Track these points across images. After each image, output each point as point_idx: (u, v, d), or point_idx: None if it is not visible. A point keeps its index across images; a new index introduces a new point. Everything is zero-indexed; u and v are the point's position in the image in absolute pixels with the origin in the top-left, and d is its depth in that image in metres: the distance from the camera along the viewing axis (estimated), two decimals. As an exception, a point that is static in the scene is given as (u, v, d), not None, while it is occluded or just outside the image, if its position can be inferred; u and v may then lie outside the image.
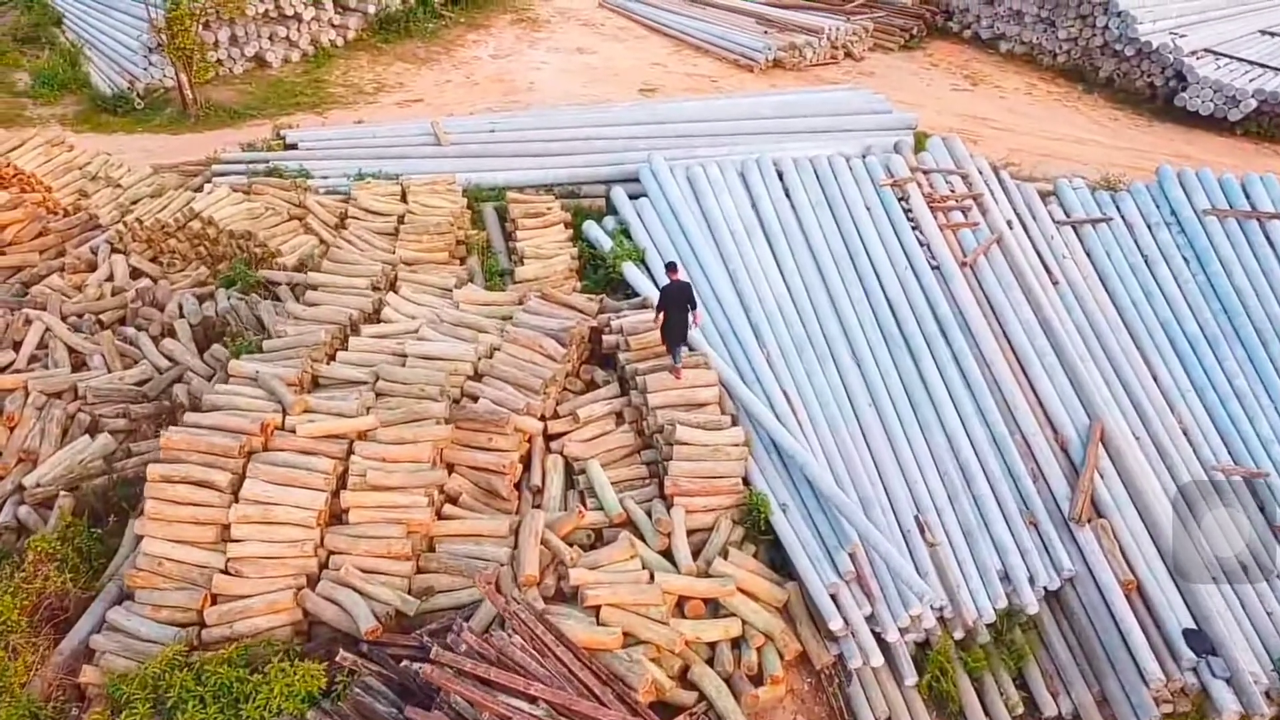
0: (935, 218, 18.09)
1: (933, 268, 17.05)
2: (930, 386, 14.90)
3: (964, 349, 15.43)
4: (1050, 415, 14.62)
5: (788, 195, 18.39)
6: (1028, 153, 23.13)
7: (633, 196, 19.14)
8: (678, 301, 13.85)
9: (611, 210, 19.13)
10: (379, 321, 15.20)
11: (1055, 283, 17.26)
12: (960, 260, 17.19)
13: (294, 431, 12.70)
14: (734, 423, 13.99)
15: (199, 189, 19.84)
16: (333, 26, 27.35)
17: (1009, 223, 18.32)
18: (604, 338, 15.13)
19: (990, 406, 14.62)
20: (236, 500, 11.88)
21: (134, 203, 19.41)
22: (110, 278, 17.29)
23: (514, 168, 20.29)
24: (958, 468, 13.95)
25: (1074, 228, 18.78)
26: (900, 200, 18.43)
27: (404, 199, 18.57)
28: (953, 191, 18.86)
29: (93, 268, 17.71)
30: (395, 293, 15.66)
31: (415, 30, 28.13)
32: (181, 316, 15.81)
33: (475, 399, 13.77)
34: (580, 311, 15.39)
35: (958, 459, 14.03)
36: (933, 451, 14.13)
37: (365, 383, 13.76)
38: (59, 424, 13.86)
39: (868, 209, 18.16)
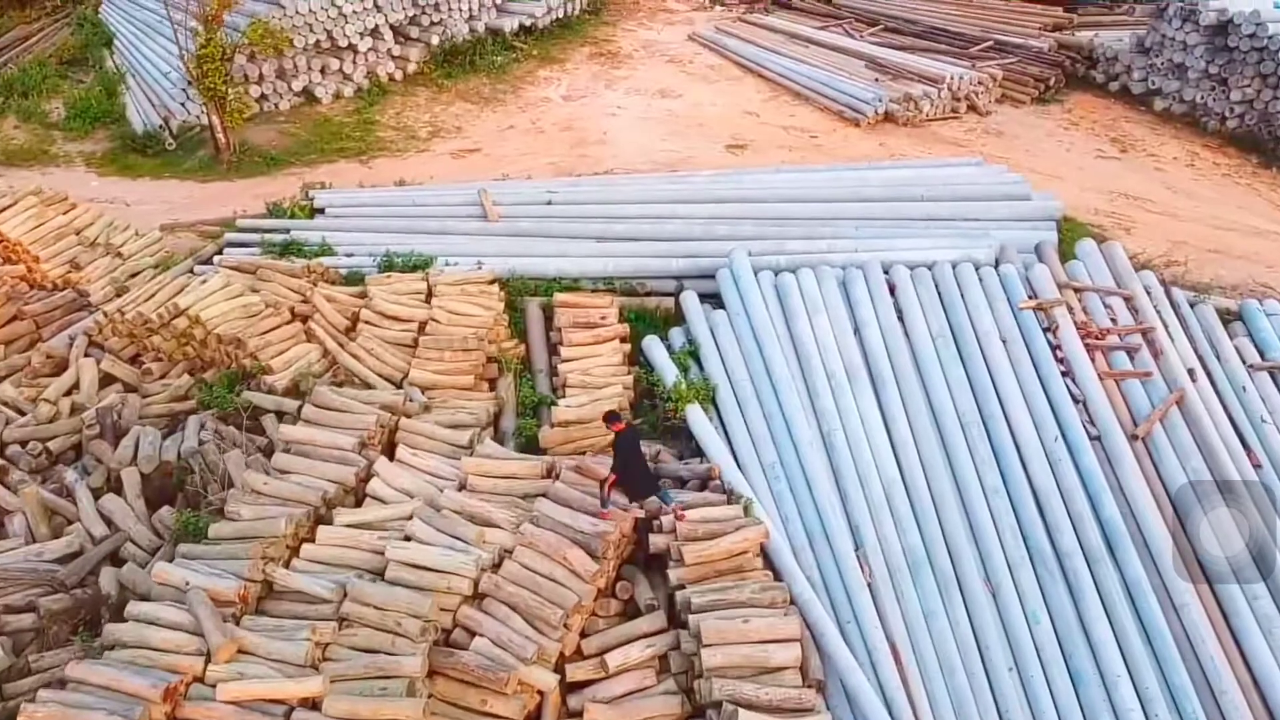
0: (1093, 360, 13.30)
1: (1092, 438, 12.30)
2: (1096, 644, 10.17)
3: (1140, 579, 10.66)
4: (1270, 701, 9.84)
5: (900, 319, 13.80)
6: (1193, 247, 17.84)
7: (705, 296, 14.85)
8: (635, 449, 10.93)
9: (681, 318, 14.82)
10: (364, 495, 11.21)
11: (1257, 466, 12.35)
12: (1131, 432, 12.39)
13: (214, 688, 8.83)
14: (819, 691, 9.61)
15: (209, 260, 16.32)
16: (391, 58, 23.37)
17: (1190, 371, 13.41)
18: (651, 537, 10.87)
19: (1184, 684, 9.87)
20: (112, 815, 8.06)
21: (132, 276, 15.89)
22: (75, 387, 13.70)
23: (569, 253, 16.06)
24: (1140, 794, 9.33)
25: (1272, 375, 13.80)
26: (1045, 331, 13.67)
27: (429, 298, 14.56)
28: (1114, 322, 13.99)
29: (62, 368, 14.13)
30: (390, 457, 11.61)
31: (482, 64, 23.92)
32: (134, 463, 12.07)
33: (471, 634, 9.70)
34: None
35: (1139, 779, 9.39)
36: (1102, 761, 9.52)
37: (328, 601, 9.83)
38: (-58, 627, 10.26)
39: (1003, 342, 13.47)
